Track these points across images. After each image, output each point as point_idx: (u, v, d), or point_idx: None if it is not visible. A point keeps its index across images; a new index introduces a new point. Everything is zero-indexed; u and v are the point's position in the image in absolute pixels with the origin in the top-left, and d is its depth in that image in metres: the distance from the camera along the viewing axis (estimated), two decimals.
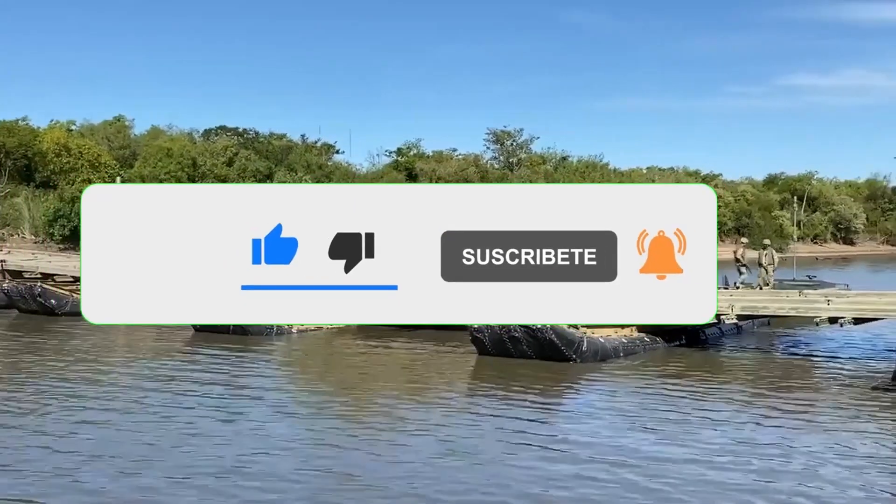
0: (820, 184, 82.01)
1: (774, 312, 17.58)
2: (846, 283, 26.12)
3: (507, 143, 69.05)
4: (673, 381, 14.57)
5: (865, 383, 13.90)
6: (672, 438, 10.53)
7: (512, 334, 16.24)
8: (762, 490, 8.46)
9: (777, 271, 24.32)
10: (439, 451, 9.92)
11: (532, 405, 12.51)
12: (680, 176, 71.01)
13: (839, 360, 16.62)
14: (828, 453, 9.83)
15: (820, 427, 11.33)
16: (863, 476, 8.97)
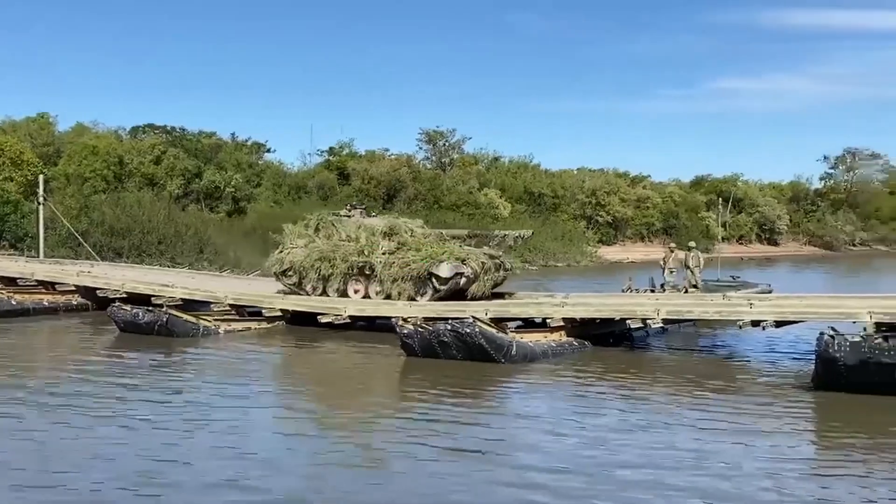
0: (745, 186, 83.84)
1: (699, 316, 17.91)
2: (769, 283, 26.78)
3: (440, 143, 69.09)
4: (597, 380, 14.88)
5: (785, 383, 14.25)
6: (596, 440, 10.65)
7: (441, 339, 16.26)
8: (686, 488, 8.62)
9: (703, 272, 24.84)
10: (356, 456, 9.88)
11: (461, 407, 12.52)
12: (610, 177, 71.87)
13: (759, 359, 17.03)
14: (746, 453, 10.03)
15: (738, 426, 11.54)
16: (779, 473, 9.16)
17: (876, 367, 12.93)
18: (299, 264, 22.00)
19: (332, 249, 21.72)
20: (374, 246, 21.31)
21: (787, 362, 16.64)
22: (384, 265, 20.85)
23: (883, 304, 16.20)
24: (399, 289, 20.61)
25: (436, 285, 20.36)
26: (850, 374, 13.03)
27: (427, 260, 20.47)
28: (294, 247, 22.67)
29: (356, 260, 21.26)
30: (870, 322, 14.72)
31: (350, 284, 21.49)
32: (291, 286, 22.44)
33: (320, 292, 21.82)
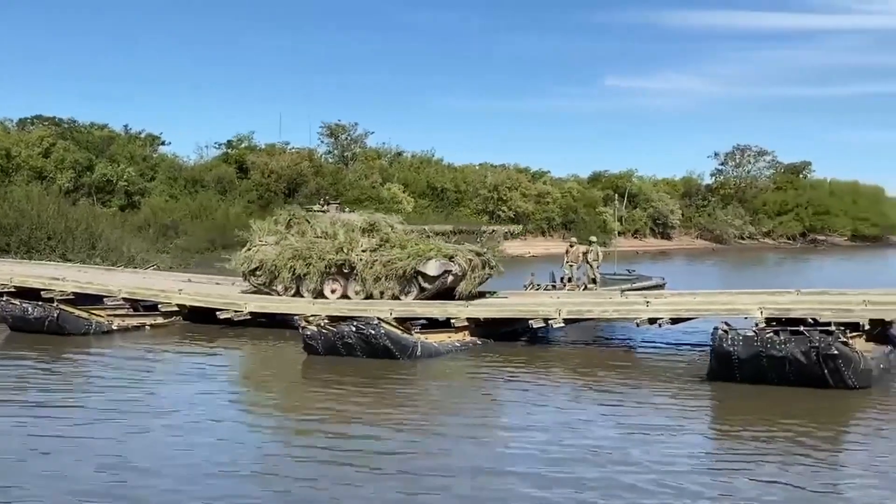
0: (640, 181, 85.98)
1: (599, 315, 18.30)
2: (663, 276, 27.53)
3: (342, 137, 68.62)
4: (495, 377, 15.06)
5: (681, 375, 14.62)
6: (487, 437, 10.69)
7: (346, 340, 16.14)
8: (581, 481, 8.74)
9: (601, 266, 25.36)
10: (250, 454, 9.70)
11: (362, 407, 12.44)
12: (511, 173, 72.67)
13: (656, 352, 17.43)
14: (642, 446, 10.16)
15: (634, 419, 11.77)
16: (675, 465, 9.34)
17: (767, 360, 13.38)
18: (271, 263, 20.88)
19: (308, 247, 20.60)
20: (353, 243, 20.33)
21: (684, 354, 17.07)
22: (365, 263, 19.90)
23: (772, 300, 16.87)
24: (382, 288, 19.72)
25: (422, 284, 19.54)
26: (743, 367, 13.47)
27: (414, 258, 19.61)
28: (263, 244, 21.55)
29: (334, 258, 20.23)
30: (761, 317, 15.29)
31: (327, 284, 20.42)
32: (260, 286, 21.33)
33: (293, 292, 20.73)
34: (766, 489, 8.57)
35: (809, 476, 9.03)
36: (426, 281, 19.50)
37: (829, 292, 18.47)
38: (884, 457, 9.79)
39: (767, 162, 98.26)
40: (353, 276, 20.08)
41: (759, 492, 8.48)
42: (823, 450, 10.03)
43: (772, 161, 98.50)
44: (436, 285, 19.46)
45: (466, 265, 19.68)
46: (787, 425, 11.15)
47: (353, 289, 20.13)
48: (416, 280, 19.57)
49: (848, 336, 13.69)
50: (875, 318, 15.18)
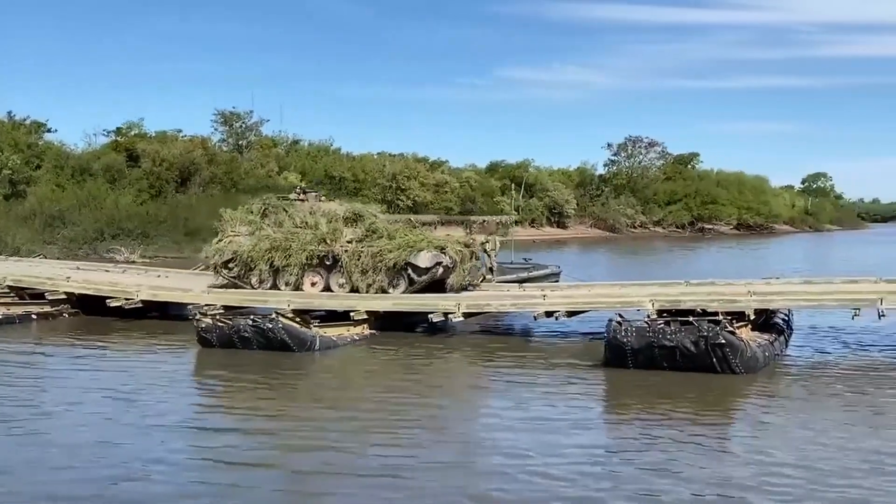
0: (536, 171, 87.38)
1: (497, 309, 18.55)
2: (558, 264, 28.04)
3: (237, 124, 67.28)
4: (390, 368, 15.15)
5: (578, 364, 14.89)
6: (373, 425, 10.72)
7: (242, 334, 15.92)
8: (474, 471, 8.85)
9: (498, 255, 25.66)
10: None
11: (257, 393, 12.29)
12: (409, 162, 72.70)
13: (553, 341, 17.67)
14: (537, 436, 10.30)
15: (529, 408, 11.89)
16: (570, 454, 9.54)
17: (659, 350, 13.84)
18: (246, 254, 19.90)
19: (287, 238, 19.76)
20: (336, 233, 19.57)
21: (580, 342, 17.39)
22: (351, 255, 19.11)
23: (663, 292, 17.41)
24: (370, 280, 18.96)
25: (412, 276, 18.85)
26: (636, 357, 13.88)
27: (405, 249, 18.90)
28: (236, 234, 20.54)
29: (316, 249, 19.42)
30: (652, 309, 15.75)
31: (307, 276, 19.60)
32: (233, 279, 20.34)
33: (270, 285, 19.79)
34: (654, 475, 8.82)
35: (697, 460, 9.35)
36: (417, 273, 18.84)
37: (716, 283, 19.16)
38: (767, 439, 10.23)
39: (658, 153, 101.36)
40: (338, 268, 19.34)
41: (647, 477, 8.70)
42: (711, 436, 10.37)
43: (662, 152, 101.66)
44: (426, 277, 18.84)
45: (458, 257, 19.26)
46: (677, 411, 11.53)
47: (337, 281, 19.39)
48: (405, 272, 18.93)
49: (734, 325, 14.28)
50: (759, 308, 15.82)
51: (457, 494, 8.34)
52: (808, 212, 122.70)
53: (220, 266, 20.39)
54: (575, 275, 23.00)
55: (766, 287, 17.80)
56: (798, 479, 8.59)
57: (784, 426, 10.82)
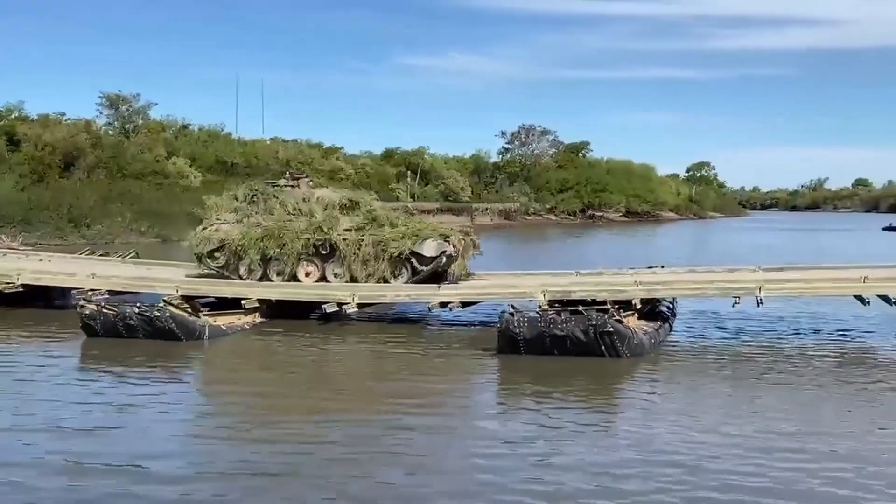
0: (431, 158, 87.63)
1: (392, 300, 18.52)
2: None
3: (123, 108, 65.16)
4: (283, 358, 15.07)
5: (472, 353, 15.13)
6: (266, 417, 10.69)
7: (128, 321, 15.58)
8: (360, 459, 8.92)
9: None
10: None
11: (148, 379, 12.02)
12: (302, 148, 71.93)
13: (448, 329, 17.89)
14: (427, 425, 10.47)
15: (423, 398, 11.98)
16: (452, 438, 9.72)
17: (550, 339, 14.18)
18: (235, 243, 19.01)
19: (280, 226, 18.94)
20: (333, 221, 18.82)
21: (475, 331, 17.58)
22: (349, 244, 18.44)
23: (554, 282, 17.78)
24: (371, 270, 18.36)
25: (416, 266, 18.30)
26: (528, 346, 14.19)
27: (409, 237, 18.28)
28: (222, 222, 19.62)
29: (312, 238, 18.62)
30: (544, 300, 16.09)
31: (301, 266, 18.81)
32: (219, 269, 19.37)
33: (260, 276, 18.92)
34: (545, 461, 9.05)
35: (583, 448, 9.62)
36: (421, 262, 18.31)
37: (604, 273, 19.70)
38: (651, 425, 10.57)
39: (550, 141, 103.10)
40: (335, 257, 18.68)
41: (532, 468, 8.84)
42: (598, 423, 10.69)
43: (554, 140, 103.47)
44: (431, 267, 18.33)
45: (461, 245, 18.89)
46: (566, 397, 11.86)
47: (333, 271, 18.73)
48: (408, 262, 18.39)
49: (622, 314, 14.78)
50: (645, 297, 16.36)
51: (343, 486, 8.33)
52: (692, 199, 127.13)
53: (204, 255, 19.47)
54: (473, 266, 23.19)
55: (651, 277, 18.38)
56: (680, 465, 8.91)
57: (667, 412, 11.20)
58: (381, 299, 18.29)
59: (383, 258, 18.26)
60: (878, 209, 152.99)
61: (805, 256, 34.42)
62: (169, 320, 15.53)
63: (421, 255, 18.20)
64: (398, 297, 18.31)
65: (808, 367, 13.90)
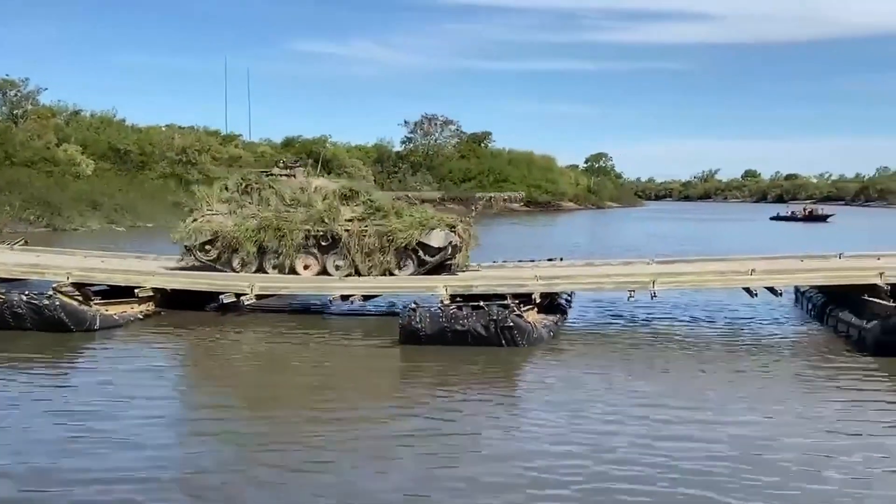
0: (334, 147, 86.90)
1: (294, 291, 18.34)
2: None
3: (11, 93, 62.50)
4: (184, 345, 15.02)
5: (376, 345, 15.13)
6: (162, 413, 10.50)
7: (15, 310, 15.08)
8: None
9: None
10: None
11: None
12: (200, 135, 70.35)
13: (351, 322, 17.66)
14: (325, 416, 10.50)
15: (321, 380, 12.19)
16: (357, 429, 9.73)
17: (452, 334, 14.30)
18: (230, 235, 18.39)
19: (279, 217, 18.39)
20: (334, 212, 18.33)
21: (376, 324, 17.37)
22: (352, 235, 17.99)
23: (456, 277, 17.91)
24: (375, 262, 17.98)
25: (423, 257, 17.99)
26: (430, 342, 14.27)
27: (417, 228, 17.88)
28: (214, 213, 18.91)
29: (312, 229, 18.15)
30: (445, 294, 16.18)
31: (299, 259, 18.35)
32: (210, 262, 18.67)
33: (255, 269, 18.38)
34: (445, 448, 9.15)
35: (488, 434, 9.80)
36: (428, 253, 18.01)
37: (505, 266, 19.96)
38: (549, 406, 10.97)
39: (453, 131, 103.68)
40: (336, 249, 18.20)
41: (427, 467, 8.78)
42: (500, 415, 10.76)
43: (456, 130, 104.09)
44: (438, 258, 18.10)
45: (466, 236, 18.61)
46: (467, 386, 12.00)
47: (334, 263, 18.26)
48: (414, 253, 18.03)
49: (522, 309, 15.01)
50: (545, 291, 16.64)
51: (238, 472, 8.30)
52: (590, 190, 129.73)
53: (195, 248, 18.83)
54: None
55: (550, 270, 18.72)
56: (579, 453, 9.08)
57: (561, 399, 11.41)
58: (282, 291, 18.07)
59: (389, 249, 17.94)
60: (766, 199, 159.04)
61: (697, 245, 35.45)
62: (58, 309, 15.04)
63: (428, 245, 17.98)
64: (300, 289, 18.15)
65: (694, 352, 14.42)
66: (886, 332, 13.39)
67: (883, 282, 15.31)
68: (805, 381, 12.50)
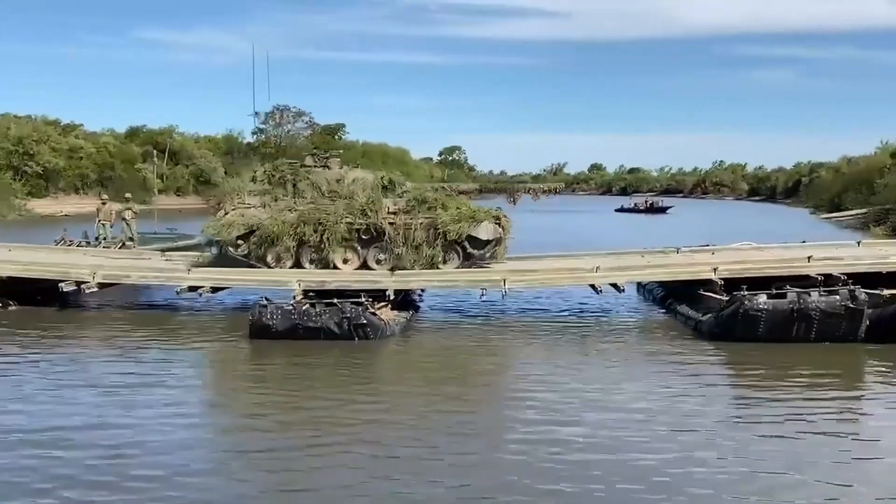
0: (181, 138, 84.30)
1: (138, 281, 17.78)
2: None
3: None
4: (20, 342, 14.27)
5: (228, 339, 14.97)
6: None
7: None
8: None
9: (141, 224, 24.67)
10: None
11: None
12: (38, 125, 66.74)
13: (198, 317, 17.38)
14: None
15: (173, 379, 12.03)
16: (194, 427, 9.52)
17: (304, 331, 14.22)
18: (268, 229, 17.42)
19: (319, 210, 17.54)
20: (376, 204, 17.60)
21: (227, 317, 17.19)
22: (398, 227, 17.42)
23: (309, 272, 17.67)
24: (423, 255, 17.44)
25: (470, 249, 17.65)
26: (281, 338, 14.10)
27: (466, 220, 17.48)
28: (246, 206, 17.97)
29: (355, 222, 17.48)
30: (298, 289, 15.96)
31: (338, 253, 17.61)
32: (244, 256, 17.56)
33: (292, 264, 17.54)
34: (271, 444, 9.13)
35: (335, 426, 9.84)
36: (475, 246, 17.73)
37: None
38: (389, 395, 11.41)
39: (305, 122, 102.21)
40: (378, 242, 17.65)
41: (260, 474, 8.67)
42: (355, 402, 10.80)
43: (309, 122, 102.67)
44: (485, 250, 17.89)
45: (508, 228, 18.23)
46: (316, 385, 12.03)
47: (375, 257, 17.71)
48: (460, 245, 17.66)
49: (375, 306, 15.01)
50: (399, 289, 16.65)
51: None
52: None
53: (227, 243, 17.85)
54: None
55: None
56: (409, 430, 9.57)
57: (410, 392, 11.71)
58: (126, 280, 17.48)
59: (438, 242, 17.51)
60: (611, 192, 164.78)
61: (548, 236, 36.28)
62: None
63: (476, 238, 17.75)
64: (145, 279, 17.60)
65: (541, 338, 15.10)
66: (719, 325, 14.54)
67: (717, 276, 16.14)
68: (652, 360, 13.60)
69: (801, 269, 16.14)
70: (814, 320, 13.74)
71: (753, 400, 11.20)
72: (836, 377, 12.32)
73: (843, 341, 13.79)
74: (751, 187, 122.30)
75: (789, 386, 11.79)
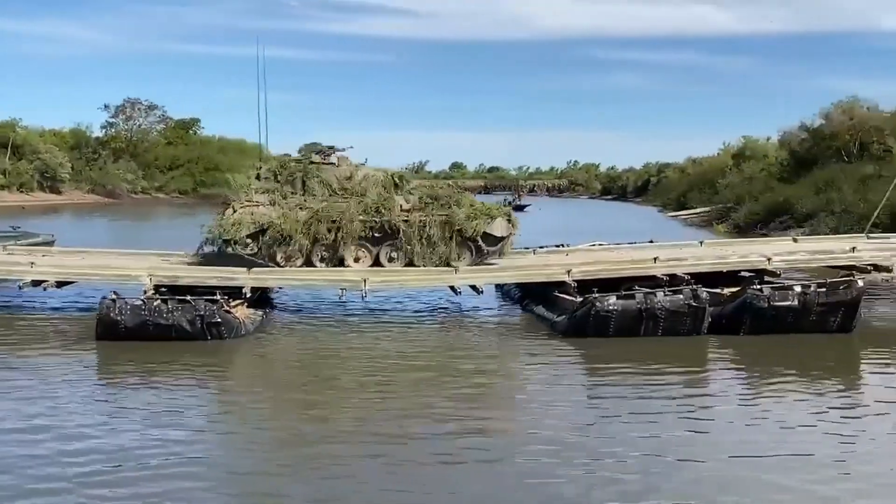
0: (25, 132, 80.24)
1: None
2: (52, 233, 26.36)
3: None
4: None
5: (74, 337, 14.43)
6: None
7: None
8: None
9: None
10: None
11: None
12: None
13: (46, 315, 16.68)
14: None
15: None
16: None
17: (154, 328, 13.80)
18: (280, 226, 16.84)
19: (331, 207, 17.08)
20: (389, 202, 17.21)
21: (74, 316, 16.54)
22: (412, 225, 17.11)
23: (162, 266, 17.20)
24: (437, 253, 17.20)
25: (483, 246, 17.41)
26: (130, 335, 13.69)
27: (481, 217, 17.29)
28: (254, 203, 17.27)
29: (368, 220, 17.10)
30: (149, 284, 15.41)
31: (349, 251, 17.19)
32: (251, 256, 16.76)
33: (302, 262, 17.06)
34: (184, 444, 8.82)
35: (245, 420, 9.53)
36: (489, 243, 17.51)
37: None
38: (254, 395, 11.15)
39: (158, 117, 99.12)
40: (389, 240, 17.29)
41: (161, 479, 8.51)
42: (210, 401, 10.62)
43: (162, 116, 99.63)
44: (498, 247, 17.81)
45: (516, 224, 17.92)
46: (172, 377, 11.82)
47: (387, 255, 17.36)
48: (472, 242, 17.45)
49: (231, 304, 14.71)
50: (256, 286, 16.28)
51: None
52: None
53: (235, 241, 16.83)
54: (72, 245, 21.80)
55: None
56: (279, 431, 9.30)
57: (266, 385, 11.73)
58: None
59: (453, 239, 17.28)
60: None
61: None
62: None
63: (490, 234, 17.60)
64: None
65: (394, 338, 15.09)
66: (573, 326, 15.01)
67: (570, 279, 16.56)
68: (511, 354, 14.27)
69: (648, 270, 16.68)
70: (660, 319, 14.40)
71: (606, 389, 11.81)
72: (680, 364, 12.99)
73: (688, 336, 14.49)
74: (603, 186, 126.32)
75: (638, 373, 12.42)
